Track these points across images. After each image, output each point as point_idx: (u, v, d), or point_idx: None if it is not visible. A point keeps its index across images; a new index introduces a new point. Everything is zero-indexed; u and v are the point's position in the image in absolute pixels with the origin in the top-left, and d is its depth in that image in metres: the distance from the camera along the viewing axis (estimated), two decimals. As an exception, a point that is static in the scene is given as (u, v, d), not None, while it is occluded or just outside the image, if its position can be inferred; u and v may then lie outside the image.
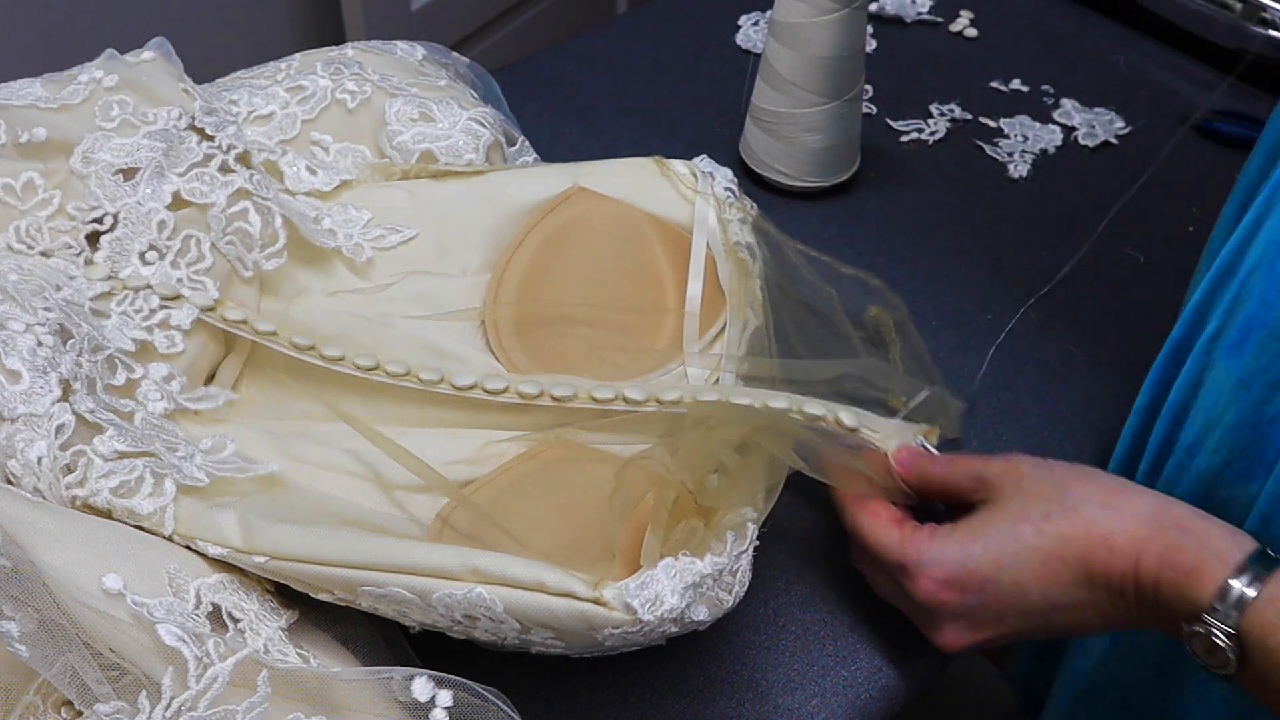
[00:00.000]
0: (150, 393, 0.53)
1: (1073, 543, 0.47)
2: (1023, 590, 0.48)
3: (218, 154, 0.57)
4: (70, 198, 0.56)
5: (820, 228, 0.77)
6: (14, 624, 0.42)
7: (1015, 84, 0.89)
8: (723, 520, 0.48)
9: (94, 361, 0.51)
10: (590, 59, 0.89)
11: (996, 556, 0.48)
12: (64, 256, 0.56)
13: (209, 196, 0.57)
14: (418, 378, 0.57)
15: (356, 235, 0.62)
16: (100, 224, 0.56)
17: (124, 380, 0.53)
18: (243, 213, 0.57)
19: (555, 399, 0.57)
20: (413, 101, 0.65)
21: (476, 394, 0.57)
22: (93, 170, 0.56)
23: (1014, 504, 0.49)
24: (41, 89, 0.58)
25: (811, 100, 0.73)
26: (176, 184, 0.57)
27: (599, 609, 0.43)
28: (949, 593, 0.49)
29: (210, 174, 0.57)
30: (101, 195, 0.56)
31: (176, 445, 0.51)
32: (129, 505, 0.47)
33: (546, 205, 0.63)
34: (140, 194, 0.56)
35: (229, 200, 0.57)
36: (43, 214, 0.56)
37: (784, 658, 0.55)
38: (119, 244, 0.56)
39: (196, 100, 0.59)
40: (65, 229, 0.56)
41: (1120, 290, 0.74)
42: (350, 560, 0.45)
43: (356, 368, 0.57)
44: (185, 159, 0.57)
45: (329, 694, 0.44)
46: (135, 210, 0.56)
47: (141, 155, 0.57)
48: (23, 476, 0.47)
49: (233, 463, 0.52)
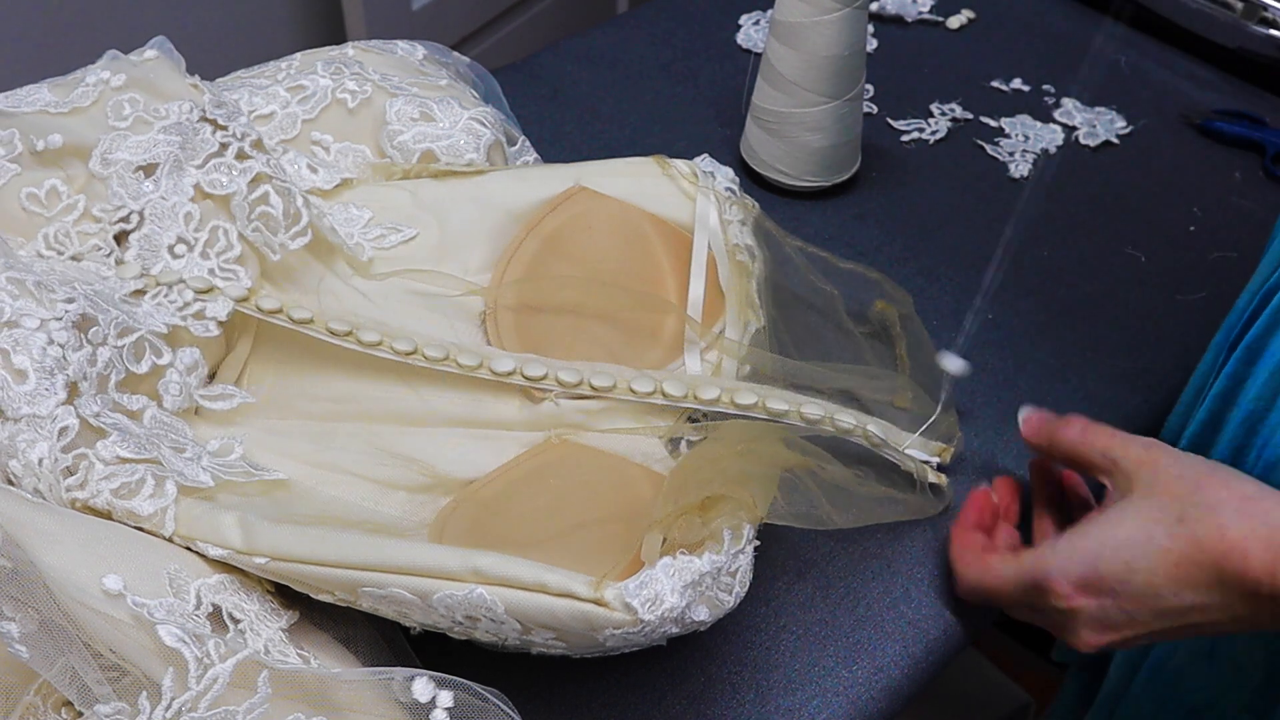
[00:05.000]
0: (171, 384, 0.53)
1: (1206, 547, 0.46)
2: (1155, 592, 0.48)
3: (233, 142, 0.57)
4: (94, 200, 0.56)
5: (820, 227, 0.77)
6: (14, 625, 0.42)
7: (1016, 83, 0.89)
8: (721, 519, 0.48)
9: (118, 348, 0.51)
10: (590, 59, 0.89)
11: (1128, 559, 0.48)
12: (95, 259, 0.55)
13: (229, 186, 0.57)
14: (457, 362, 0.57)
15: (357, 234, 0.62)
16: (127, 223, 0.56)
17: (149, 367, 0.52)
18: (264, 197, 0.57)
19: (561, 383, 0.57)
20: (413, 101, 0.65)
21: (516, 379, 0.57)
22: (113, 170, 0.56)
23: (1148, 504, 0.49)
24: (49, 94, 0.58)
25: (812, 100, 0.73)
26: (196, 176, 0.56)
27: (600, 609, 0.43)
28: (1084, 596, 0.49)
29: (228, 163, 0.57)
30: (125, 194, 0.56)
31: (184, 446, 0.51)
32: (129, 506, 0.47)
33: (547, 205, 0.63)
34: (163, 189, 0.56)
35: (249, 186, 0.57)
36: (69, 219, 0.56)
37: (784, 658, 0.55)
38: (148, 240, 0.56)
39: (205, 94, 0.59)
40: (93, 231, 0.56)
41: (1120, 290, 0.74)
42: (351, 561, 0.45)
43: (395, 351, 0.57)
44: (202, 150, 0.57)
45: (329, 695, 0.44)
46: (160, 205, 0.56)
47: (159, 150, 0.57)
48: (23, 477, 0.47)
49: (239, 467, 0.51)
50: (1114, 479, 0.51)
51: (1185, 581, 0.47)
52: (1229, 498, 0.47)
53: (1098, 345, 0.70)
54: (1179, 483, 0.48)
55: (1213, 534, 0.46)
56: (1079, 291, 0.73)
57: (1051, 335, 0.70)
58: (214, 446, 0.53)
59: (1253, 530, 0.46)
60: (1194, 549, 0.47)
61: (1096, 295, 0.73)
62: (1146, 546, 0.48)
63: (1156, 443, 0.51)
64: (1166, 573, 0.47)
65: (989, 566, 0.53)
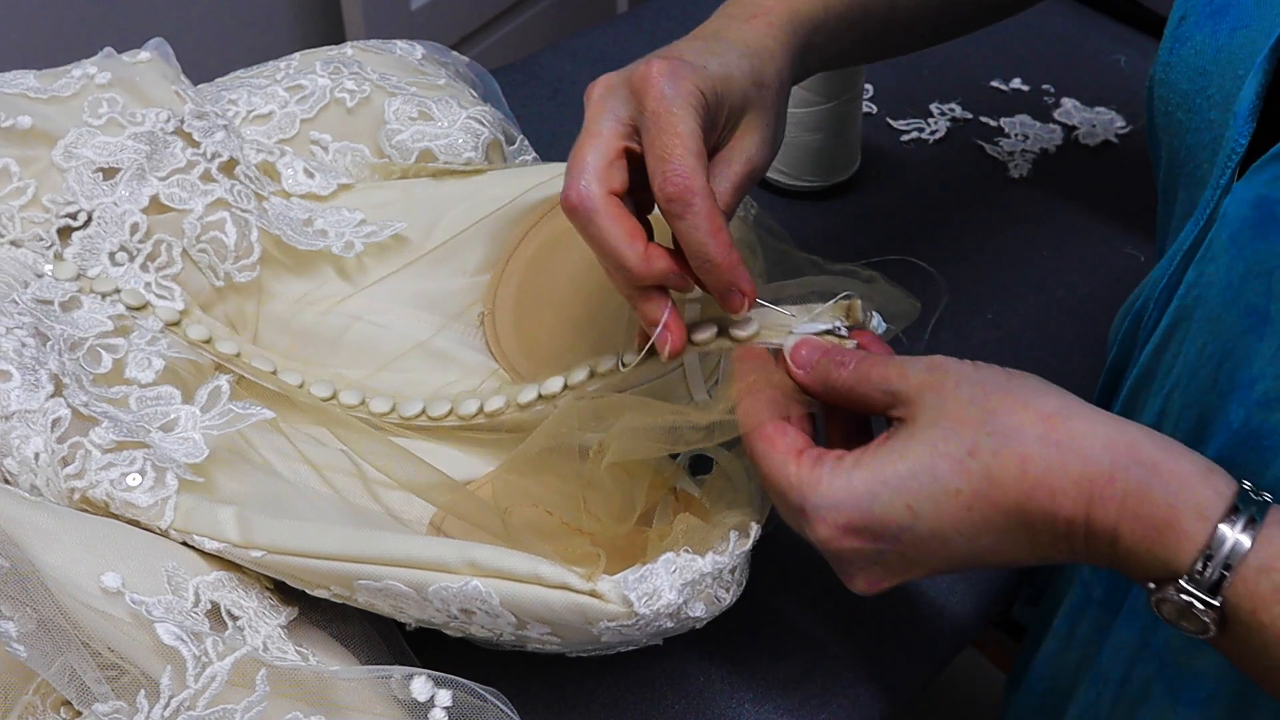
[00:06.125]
0: (139, 362, 0.53)
1: (1003, 486, 0.39)
2: (944, 539, 0.40)
3: (201, 161, 0.58)
4: (46, 189, 0.56)
5: (820, 227, 0.76)
6: (12, 624, 0.42)
7: (1016, 83, 0.89)
8: (726, 519, 0.48)
9: (75, 359, 0.51)
10: (590, 59, 0.89)
11: (910, 502, 0.40)
12: (33, 248, 0.55)
13: (187, 203, 0.57)
14: (368, 409, 0.57)
15: (348, 233, 0.62)
16: (74, 219, 0.56)
17: (110, 364, 0.52)
18: (219, 223, 0.57)
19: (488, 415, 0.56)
20: (412, 100, 0.65)
21: (422, 421, 0.57)
22: (73, 165, 0.56)
23: (932, 433, 0.40)
24: (34, 80, 0.58)
25: (812, 100, 0.73)
26: (156, 187, 0.56)
27: (595, 601, 0.43)
28: (855, 539, 0.41)
29: (191, 181, 0.57)
30: (79, 191, 0.56)
31: (174, 421, 0.51)
32: (127, 498, 0.47)
33: (546, 205, 0.63)
34: (117, 194, 0.56)
35: (206, 209, 0.57)
36: (15, 203, 0.56)
37: (784, 658, 0.55)
38: (90, 242, 0.56)
39: (187, 104, 0.59)
40: (38, 220, 0.56)
41: (1120, 290, 0.74)
42: (346, 554, 0.45)
43: (313, 397, 0.57)
44: (168, 164, 0.57)
45: (328, 692, 0.44)
46: (110, 210, 0.56)
47: (124, 156, 0.57)
48: (20, 474, 0.47)
49: (228, 414, 0.51)
50: (901, 412, 0.42)
51: (980, 526, 0.39)
52: (1028, 420, 0.39)
53: (1098, 345, 0.70)
54: (970, 408, 0.40)
55: (1011, 469, 0.39)
56: (1078, 292, 0.73)
57: (1051, 335, 0.70)
58: (203, 397, 0.53)
59: (1060, 462, 0.38)
60: (989, 487, 0.39)
61: (1096, 295, 0.73)
62: (932, 487, 0.40)
63: (943, 360, 0.42)
64: (956, 516, 0.39)
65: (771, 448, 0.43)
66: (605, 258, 0.46)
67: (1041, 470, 0.38)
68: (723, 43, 0.48)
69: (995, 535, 0.40)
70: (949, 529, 0.40)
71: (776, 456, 0.43)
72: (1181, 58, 0.47)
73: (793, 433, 0.44)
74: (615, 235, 0.45)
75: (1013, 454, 0.39)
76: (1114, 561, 0.39)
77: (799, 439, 0.44)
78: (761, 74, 0.48)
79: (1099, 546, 0.39)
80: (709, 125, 0.46)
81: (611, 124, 0.46)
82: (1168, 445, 0.39)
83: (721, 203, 0.46)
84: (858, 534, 0.41)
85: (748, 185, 0.48)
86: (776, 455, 0.43)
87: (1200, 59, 0.46)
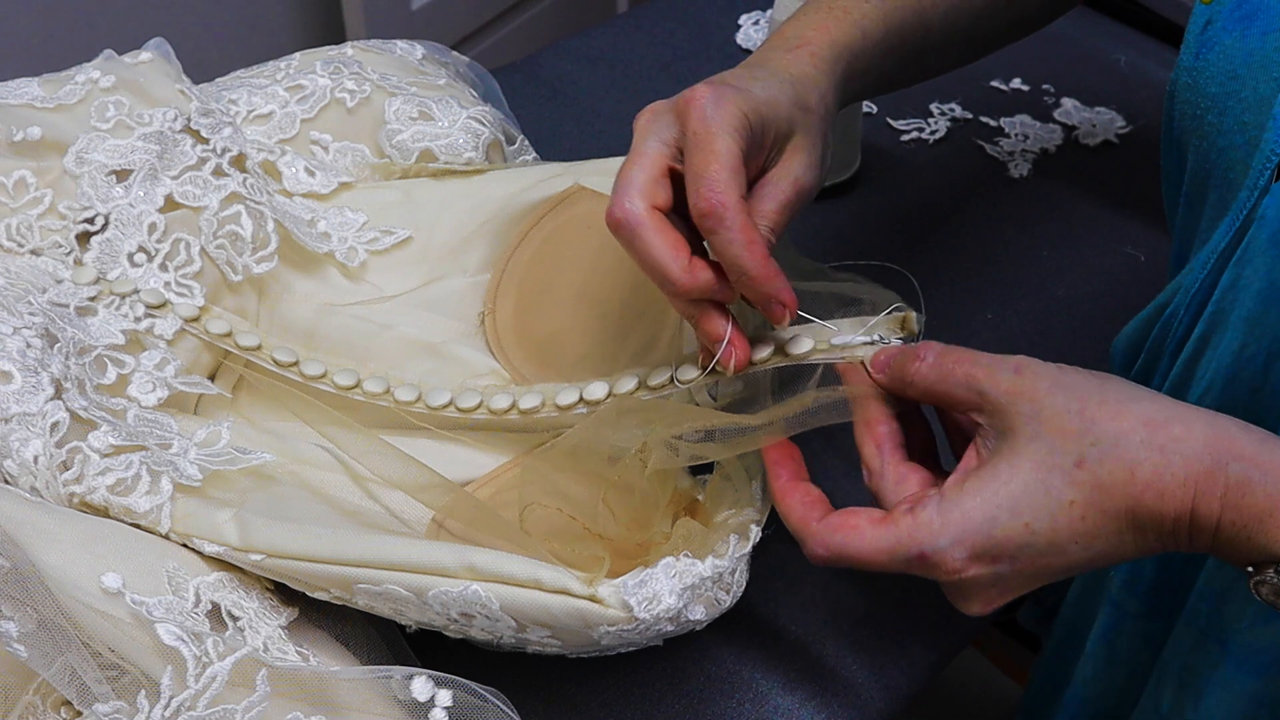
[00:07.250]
0: (143, 384, 0.53)
1: (1113, 493, 0.41)
2: (1061, 550, 0.42)
3: (212, 157, 0.58)
4: (62, 197, 0.57)
5: (820, 227, 0.76)
6: (13, 624, 0.42)
7: (1016, 83, 0.89)
8: (725, 522, 0.48)
9: (82, 364, 0.51)
10: (590, 59, 0.89)
11: (1028, 520, 0.42)
12: (53, 255, 0.56)
13: (201, 200, 0.57)
14: (393, 397, 0.57)
15: (351, 239, 0.62)
16: (91, 224, 0.56)
17: (115, 378, 0.53)
18: (235, 216, 0.57)
19: (522, 412, 0.56)
20: (412, 100, 0.65)
21: (450, 413, 0.56)
22: (86, 170, 0.57)
23: (1036, 447, 0.42)
24: (39, 88, 0.59)
25: (811, 100, 0.73)
26: (169, 187, 0.57)
27: (595, 606, 0.43)
28: (979, 566, 0.43)
29: (204, 177, 0.57)
30: (94, 196, 0.56)
31: (169, 441, 0.51)
32: (125, 503, 0.47)
33: (546, 205, 0.63)
34: (132, 196, 0.56)
35: (221, 204, 0.57)
36: (33, 212, 0.56)
37: (784, 658, 0.55)
38: (109, 245, 0.56)
39: (193, 102, 0.59)
40: (56, 228, 0.56)
41: (1120, 290, 0.74)
42: (346, 558, 0.45)
43: (335, 386, 0.57)
44: (179, 162, 0.57)
45: (328, 693, 0.44)
46: (127, 212, 0.56)
47: (136, 157, 0.57)
48: (19, 476, 0.47)
49: (226, 454, 0.51)
50: (985, 415, 0.44)
51: (1093, 533, 0.41)
52: (1130, 427, 0.41)
53: (1098, 345, 0.70)
54: (1067, 417, 0.42)
55: (1120, 476, 0.41)
56: (1078, 292, 0.73)
57: (1051, 335, 0.70)
58: (200, 435, 0.53)
59: (1166, 466, 0.40)
60: (1100, 495, 0.41)
61: (1096, 295, 0.73)
62: (1046, 501, 0.41)
63: (1027, 362, 0.44)
64: (1071, 527, 0.41)
65: (856, 532, 0.44)
66: (650, 271, 0.47)
67: (1149, 475, 0.40)
68: (767, 69, 0.50)
69: (1107, 540, 0.42)
70: (1065, 540, 0.42)
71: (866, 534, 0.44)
72: (1209, 62, 0.47)
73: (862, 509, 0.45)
74: (658, 248, 0.46)
75: (1120, 461, 0.41)
76: (1213, 549, 0.41)
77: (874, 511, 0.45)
78: (805, 98, 0.50)
79: (1201, 537, 0.41)
80: (754, 147, 0.47)
81: (656, 145, 0.47)
82: (1263, 438, 0.41)
83: (769, 221, 0.48)
84: (980, 560, 0.43)
85: (796, 205, 0.49)
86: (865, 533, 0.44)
87: (1230, 63, 0.47)
